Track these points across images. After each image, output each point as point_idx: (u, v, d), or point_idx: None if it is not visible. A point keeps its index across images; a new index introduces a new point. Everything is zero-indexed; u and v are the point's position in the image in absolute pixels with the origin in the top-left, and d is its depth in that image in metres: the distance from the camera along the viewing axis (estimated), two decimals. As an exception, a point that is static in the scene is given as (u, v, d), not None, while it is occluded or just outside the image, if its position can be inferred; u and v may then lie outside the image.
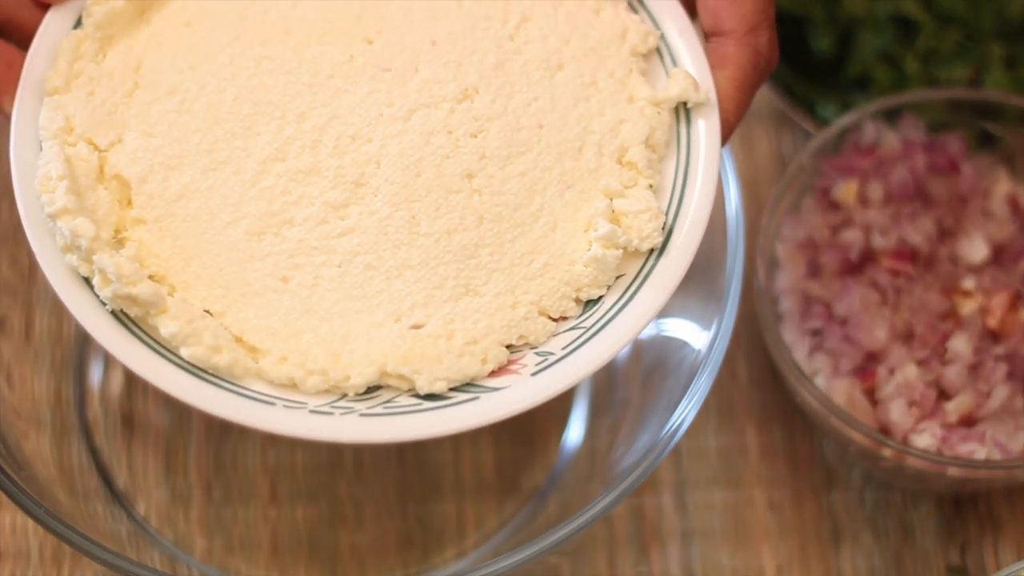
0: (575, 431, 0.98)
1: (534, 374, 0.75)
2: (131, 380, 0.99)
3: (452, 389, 0.75)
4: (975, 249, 0.97)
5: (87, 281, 0.74)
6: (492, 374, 0.75)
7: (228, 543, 0.95)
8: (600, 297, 0.77)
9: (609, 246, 0.76)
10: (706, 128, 0.79)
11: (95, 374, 0.98)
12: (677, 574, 0.95)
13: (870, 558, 0.96)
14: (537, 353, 0.76)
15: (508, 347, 0.76)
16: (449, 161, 0.78)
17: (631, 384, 0.93)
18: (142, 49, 0.79)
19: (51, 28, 0.79)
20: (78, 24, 0.79)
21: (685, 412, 0.83)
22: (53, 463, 0.92)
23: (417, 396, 0.74)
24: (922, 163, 0.99)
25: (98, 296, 0.74)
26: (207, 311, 0.75)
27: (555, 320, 0.77)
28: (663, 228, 0.77)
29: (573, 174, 0.78)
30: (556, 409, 0.98)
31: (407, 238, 0.76)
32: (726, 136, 0.79)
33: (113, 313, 0.74)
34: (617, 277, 0.77)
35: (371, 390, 0.75)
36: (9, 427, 0.88)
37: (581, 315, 0.77)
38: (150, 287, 0.73)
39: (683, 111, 0.80)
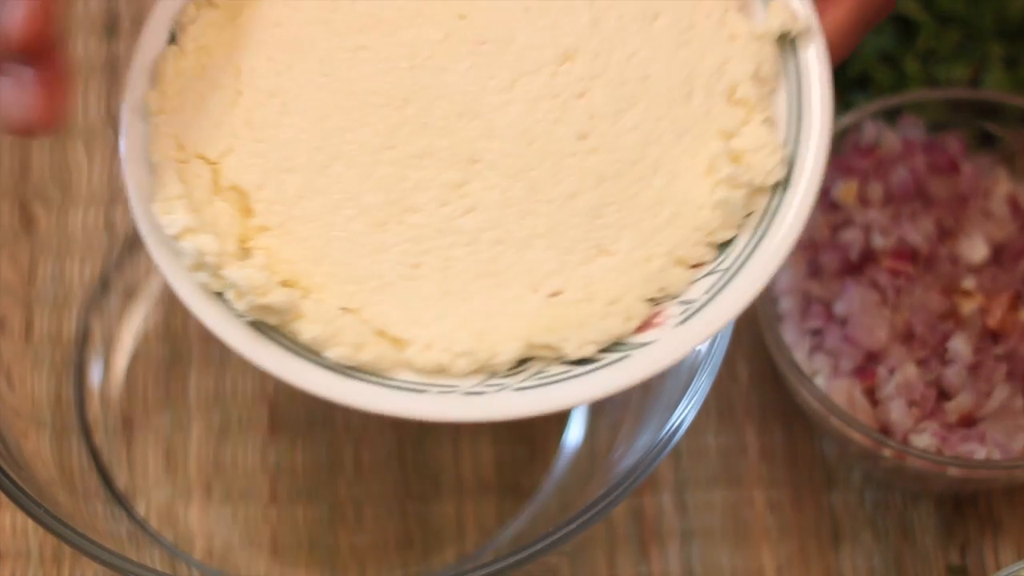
0: (575, 431, 0.97)
1: (680, 324, 0.74)
2: (131, 380, 0.99)
3: (601, 351, 0.74)
4: (975, 249, 0.97)
5: (219, 296, 0.73)
6: (638, 330, 0.74)
7: (228, 543, 0.95)
8: (733, 238, 0.76)
9: (733, 186, 0.75)
10: (815, 55, 0.77)
11: (95, 374, 0.98)
12: (677, 574, 0.95)
13: (870, 558, 0.95)
14: (680, 303, 0.75)
15: (650, 300, 0.75)
16: (559, 125, 0.76)
17: (631, 384, 0.93)
18: (239, 55, 0.78)
19: (146, 45, 0.77)
20: (171, 37, 0.78)
21: (685, 412, 0.83)
22: (53, 463, 0.92)
23: (567, 363, 0.74)
24: (922, 163, 0.99)
25: (233, 309, 0.73)
26: (344, 308, 0.74)
27: (692, 267, 0.76)
28: (784, 160, 0.75)
29: (685, 120, 0.77)
30: (556, 409, 0.98)
31: (531, 207, 0.75)
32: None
33: (252, 324, 0.73)
34: (747, 215, 0.76)
35: (520, 364, 0.74)
36: (9, 427, 0.88)
37: (717, 259, 0.76)
38: (283, 294, 0.73)
39: (788, 42, 0.78)
